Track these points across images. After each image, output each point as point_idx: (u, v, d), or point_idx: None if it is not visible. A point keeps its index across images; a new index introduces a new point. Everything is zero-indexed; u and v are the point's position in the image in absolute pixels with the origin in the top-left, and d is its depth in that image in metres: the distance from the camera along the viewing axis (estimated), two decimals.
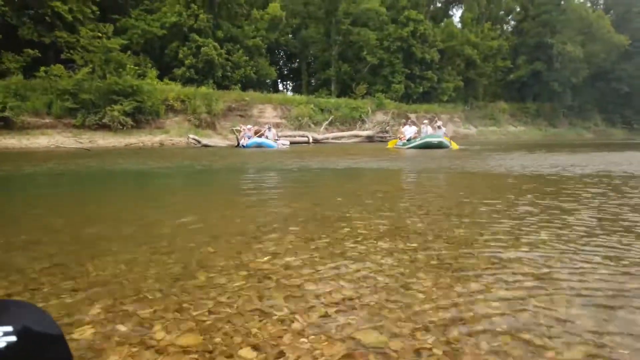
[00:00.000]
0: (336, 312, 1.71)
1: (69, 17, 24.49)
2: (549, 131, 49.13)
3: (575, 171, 7.53)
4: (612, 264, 2.25)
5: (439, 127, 18.45)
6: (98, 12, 26.96)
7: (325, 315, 1.68)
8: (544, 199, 4.42)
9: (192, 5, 29.86)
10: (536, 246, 2.59)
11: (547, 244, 2.64)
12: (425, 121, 21.34)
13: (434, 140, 16.21)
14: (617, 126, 57.70)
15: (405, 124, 22.33)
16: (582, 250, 2.50)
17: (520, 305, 1.75)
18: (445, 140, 16.46)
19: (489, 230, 3.03)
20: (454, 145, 16.96)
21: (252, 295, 1.87)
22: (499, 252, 2.47)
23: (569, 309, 1.71)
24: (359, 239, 2.79)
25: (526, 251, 2.48)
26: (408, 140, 17.70)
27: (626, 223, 3.24)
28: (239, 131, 21.78)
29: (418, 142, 16.58)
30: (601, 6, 60.53)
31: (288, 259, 2.38)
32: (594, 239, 2.76)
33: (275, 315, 1.68)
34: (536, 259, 2.33)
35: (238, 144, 20.55)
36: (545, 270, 2.16)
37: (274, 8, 34.25)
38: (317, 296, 1.86)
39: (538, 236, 2.83)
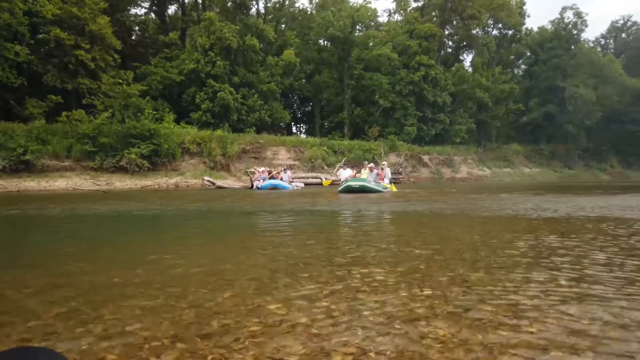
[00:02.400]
0: None
1: (92, 65, 25.55)
2: (565, 172, 48.77)
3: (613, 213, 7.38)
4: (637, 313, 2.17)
5: (381, 169, 17.79)
6: (119, 60, 28.10)
7: None
8: (563, 242, 4.32)
9: (210, 53, 30.95)
10: (556, 294, 2.50)
11: (565, 290, 2.56)
12: (344, 165, 20.56)
13: (355, 184, 15.37)
14: (633, 167, 57.09)
15: (340, 167, 22.43)
16: (605, 297, 2.41)
17: (539, 356, 1.68)
18: (372, 184, 15.55)
19: (507, 276, 2.95)
20: (393, 188, 16.82)
21: (266, 343, 1.84)
22: (517, 299, 2.39)
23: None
24: (374, 285, 2.73)
25: (543, 298, 2.40)
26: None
27: None
28: (253, 173, 22.00)
29: (341, 186, 15.88)
30: (612, 50, 61.25)
31: (302, 305, 2.34)
32: (622, 287, 2.67)
33: None
34: (555, 306, 2.25)
35: (252, 185, 20.71)
36: (567, 319, 2.08)
37: (289, 55, 35.35)
38: (333, 345, 1.82)
39: (557, 282, 2.75)
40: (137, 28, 37.37)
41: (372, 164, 18.49)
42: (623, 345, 1.79)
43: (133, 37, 36.47)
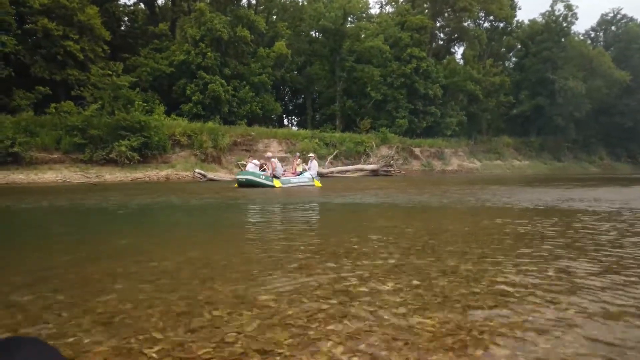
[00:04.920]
0: (342, 351, 1.68)
1: (81, 56, 25.21)
2: (554, 165, 49.18)
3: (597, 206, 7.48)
4: (629, 303, 2.21)
5: (301, 160, 17.12)
6: (109, 51, 27.75)
7: (331, 355, 1.65)
8: (550, 234, 4.38)
9: (200, 44, 30.66)
10: (544, 284, 2.55)
11: (554, 280, 2.61)
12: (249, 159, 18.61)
13: (242, 177, 15.04)
14: (622, 160, 57.73)
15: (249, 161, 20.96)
16: (592, 288, 2.46)
17: (528, 344, 1.72)
18: (260, 178, 14.89)
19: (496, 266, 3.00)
20: (317, 184, 16.07)
21: (257, 334, 1.85)
22: (506, 288, 2.43)
23: (579, 348, 1.67)
24: (365, 276, 2.76)
25: (533, 288, 2.45)
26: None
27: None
28: (245, 165, 21.89)
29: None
30: (601, 43, 61.58)
31: (292, 296, 2.36)
32: (606, 275, 2.72)
33: (280, 354, 1.66)
34: (544, 296, 2.29)
35: None
36: (553, 308, 2.12)
37: (280, 46, 35.11)
38: (322, 334, 1.84)
39: (545, 273, 2.80)
40: (126, 18, 36.81)
41: (312, 155, 18.10)
42: (606, 332, 1.83)
43: (122, 28, 35.93)
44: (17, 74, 23.78)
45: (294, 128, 43.33)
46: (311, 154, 19.02)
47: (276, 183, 15.23)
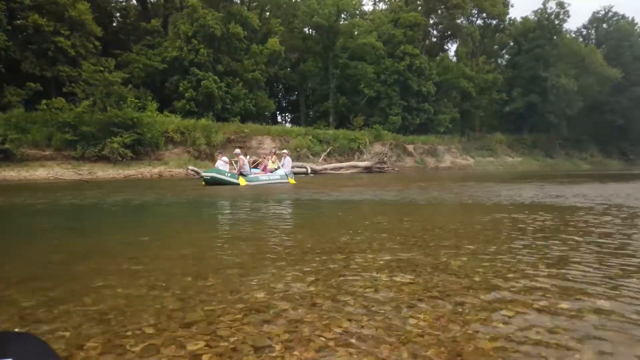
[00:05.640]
0: (334, 346, 1.69)
1: (72, 52, 25.02)
2: (546, 162, 49.50)
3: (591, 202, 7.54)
4: (624, 295, 2.24)
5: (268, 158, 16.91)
6: (100, 47, 27.55)
7: (323, 350, 1.66)
8: (544, 231, 4.42)
9: (193, 40, 30.51)
10: (535, 279, 2.57)
11: (547, 275, 2.63)
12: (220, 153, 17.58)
13: (207, 175, 14.79)
14: (613, 157, 58.22)
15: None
16: (583, 282, 2.49)
17: (519, 339, 1.73)
18: (225, 175, 14.46)
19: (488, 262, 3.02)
20: (291, 181, 15.72)
21: (250, 329, 1.85)
22: (497, 284, 2.45)
23: (570, 342, 1.69)
24: (358, 271, 2.77)
25: (525, 283, 2.47)
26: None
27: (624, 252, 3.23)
28: (237, 162, 21.70)
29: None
30: (593, 40, 61.96)
31: (286, 292, 2.36)
32: (599, 269, 2.74)
33: (273, 349, 1.66)
34: (535, 291, 2.31)
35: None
36: (544, 302, 2.14)
37: (273, 43, 35.00)
38: (315, 329, 1.84)
39: (537, 269, 2.82)
40: (118, 14, 36.52)
41: (285, 151, 17.88)
42: (598, 329, 1.85)
43: (114, 24, 35.65)
44: (8, 70, 23.56)
45: (288, 125, 43.28)
46: (284, 151, 18.68)
47: (241, 181, 14.62)
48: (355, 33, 42.29)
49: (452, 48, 54.22)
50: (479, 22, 52.54)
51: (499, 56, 58.01)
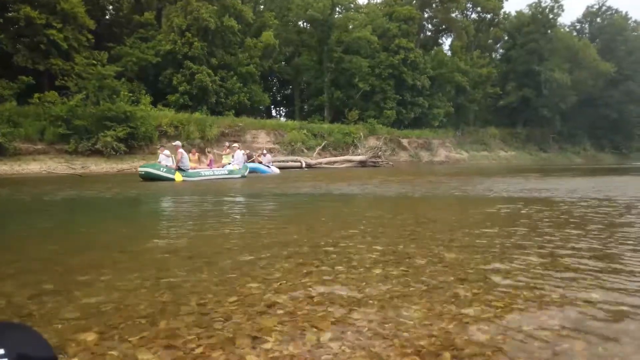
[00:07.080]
0: (328, 339, 1.70)
1: (64, 45, 24.75)
2: (540, 156, 49.76)
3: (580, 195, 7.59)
4: (611, 286, 2.27)
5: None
6: (93, 40, 27.29)
7: (317, 342, 1.67)
8: (537, 224, 4.45)
9: (187, 33, 30.30)
10: (527, 270, 2.60)
11: (537, 267, 2.66)
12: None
13: (141, 170, 13.96)
14: (606, 151, 58.59)
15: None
16: (577, 274, 2.51)
17: (512, 330, 1.75)
18: (160, 171, 13.56)
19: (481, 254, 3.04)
20: (243, 174, 15.33)
21: (244, 322, 1.86)
22: (490, 276, 2.48)
23: (561, 333, 1.71)
24: (352, 263, 2.79)
25: (517, 274, 2.49)
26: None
27: (617, 250, 3.27)
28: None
29: None
30: (587, 35, 62.14)
31: (280, 285, 2.37)
32: (589, 261, 2.77)
33: (267, 341, 1.67)
34: (528, 283, 2.33)
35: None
36: (537, 293, 2.17)
37: (268, 36, 34.84)
38: (309, 322, 1.85)
39: (528, 260, 2.85)
40: (111, 7, 36.13)
41: (236, 145, 17.27)
42: (590, 321, 1.87)
43: (107, 17, 35.27)
44: (0, 64, 23.29)
45: (282, 119, 43.18)
46: (235, 144, 17.91)
47: (177, 176, 13.61)
48: (350, 27, 42.15)
49: (446, 42, 54.28)
50: (474, 16, 52.59)
51: (494, 50, 58.10)
